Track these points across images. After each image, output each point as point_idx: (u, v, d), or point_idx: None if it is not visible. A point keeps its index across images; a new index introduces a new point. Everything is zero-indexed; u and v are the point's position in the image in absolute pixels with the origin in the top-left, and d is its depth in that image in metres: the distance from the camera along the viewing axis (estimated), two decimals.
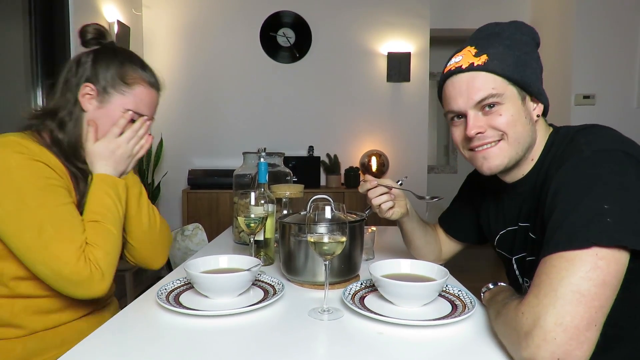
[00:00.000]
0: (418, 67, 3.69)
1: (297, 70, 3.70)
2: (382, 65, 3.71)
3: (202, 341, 0.74)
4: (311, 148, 3.65)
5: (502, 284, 0.86)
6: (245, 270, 0.90)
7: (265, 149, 1.50)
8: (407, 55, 3.66)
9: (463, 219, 1.14)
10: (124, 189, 0.97)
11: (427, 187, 3.80)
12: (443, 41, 4.19)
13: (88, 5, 2.70)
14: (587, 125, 0.82)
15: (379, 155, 3.69)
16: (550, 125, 0.91)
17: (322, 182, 3.68)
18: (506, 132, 0.83)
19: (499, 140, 0.84)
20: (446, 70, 0.87)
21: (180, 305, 0.86)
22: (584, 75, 3.36)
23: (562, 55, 3.52)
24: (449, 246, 1.21)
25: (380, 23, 3.69)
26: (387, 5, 3.67)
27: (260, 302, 0.87)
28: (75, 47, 2.51)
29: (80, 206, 0.93)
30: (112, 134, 0.96)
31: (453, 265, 1.20)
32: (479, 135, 0.84)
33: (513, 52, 0.82)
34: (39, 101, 2.43)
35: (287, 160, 3.35)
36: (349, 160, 3.72)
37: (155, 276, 1.07)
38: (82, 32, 1.01)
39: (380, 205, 1.04)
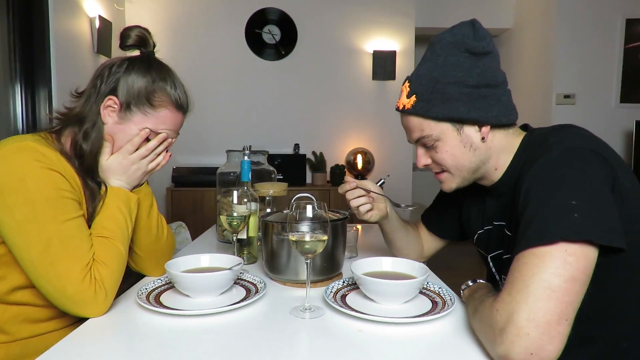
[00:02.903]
0: (403, 66, 3.71)
1: (282, 68, 3.69)
2: (368, 64, 3.72)
3: (184, 341, 0.74)
4: (297, 146, 3.65)
5: (481, 281, 0.87)
6: (227, 269, 0.90)
7: (250, 146, 1.49)
8: (393, 54, 3.68)
9: (445, 217, 1.16)
10: (136, 204, 0.96)
11: (412, 185, 3.83)
12: (428, 40, 4.21)
13: (68, 0, 2.65)
14: (558, 126, 0.84)
15: (365, 153, 3.71)
16: (525, 126, 0.93)
17: (308, 180, 3.68)
18: (445, 165, 0.90)
19: (443, 171, 0.92)
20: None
21: (161, 305, 0.85)
22: (564, 75, 3.43)
23: (543, 55, 3.58)
24: (431, 243, 1.22)
25: (365, 21, 3.70)
26: (372, 3, 3.68)
27: (241, 300, 0.87)
28: (56, 45, 2.46)
29: (91, 218, 0.91)
30: (125, 150, 0.93)
31: (438, 263, 1.22)
32: (426, 167, 0.93)
33: (438, 85, 0.83)
34: (18, 100, 2.38)
35: (273, 158, 3.34)
36: (335, 158, 3.73)
37: (135, 275, 1.05)
38: (123, 36, 0.97)
39: (358, 207, 1.05)
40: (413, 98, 0.86)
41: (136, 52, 0.99)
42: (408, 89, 0.88)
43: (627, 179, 0.73)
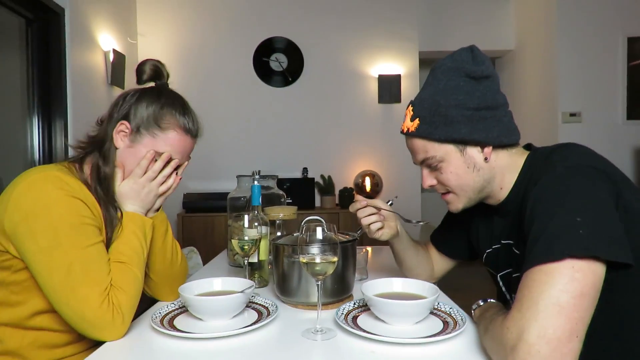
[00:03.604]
0: (408, 88, 3.77)
1: (290, 94, 3.77)
2: (373, 87, 3.79)
3: None
4: (305, 170, 3.68)
5: (492, 300, 0.88)
6: (239, 292, 0.91)
7: (259, 171, 1.52)
8: (398, 77, 3.75)
9: (454, 236, 1.16)
10: (150, 229, 0.98)
11: (420, 206, 3.83)
12: (432, 62, 4.28)
13: (84, 34, 2.76)
14: (561, 144, 0.86)
15: (373, 176, 3.73)
16: (529, 146, 0.95)
17: (317, 203, 3.70)
18: (450, 186, 0.92)
19: (449, 192, 0.94)
20: None
21: (175, 328, 0.86)
22: (569, 94, 3.45)
23: (547, 75, 3.62)
24: (442, 264, 1.22)
25: (370, 47, 3.78)
26: (376, 29, 3.77)
27: (254, 323, 0.88)
28: (72, 78, 2.55)
29: (109, 244, 0.94)
30: (135, 174, 0.96)
31: (447, 284, 1.22)
32: (431, 187, 0.95)
33: (440, 108, 0.86)
34: (35, 132, 2.46)
35: (282, 182, 3.37)
36: (343, 181, 3.76)
37: (149, 300, 1.07)
38: (139, 72, 1.02)
39: (369, 225, 1.07)
40: (417, 121, 0.89)
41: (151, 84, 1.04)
42: (412, 112, 0.91)
43: (631, 196, 0.74)
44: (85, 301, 0.81)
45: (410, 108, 0.92)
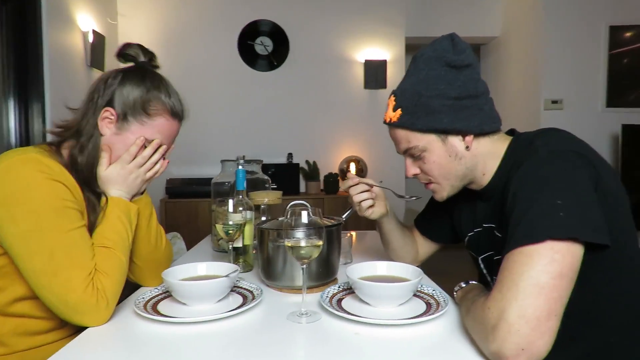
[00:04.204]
0: (394, 74, 3.76)
1: (275, 78, 3.72)
2: (359, 73, 3.77)
3: (181, 349, 0.74)
4: (290, 155, 3.67)
5: (473, 282, 0.89)
6: (223, 276, 0.91)
7: (244, 156, 1.51)
8: (384, 63, 3.73)
9: (437, 220, 1.18)
10: (135, 214, 0.97)
11: (405, 191, 3.86)
12: (418, 48, 4.28)
13: (62, 14, 2.67)
14: (544, 129, 0.87)
15: (358, 161, 3.74)
16: (512, 131, 0.96)
17: (302, 188, 3.70)
18: (433, 175, 0.94)
19: (432, 182, 0.96)
20: None
21: (158, 313, 0.86)
22: (552, 81, 3.50)
23: (531, 62, 3.65)
24: (425, 247, 1.24)
25: (356, 31, 3.75)
26: (363, 14, 3.74)
27: (238, 307, 0.88)
28: (50, 59, 2.47)
29: (92, 229, 0.92)
30: (123, 160, 0.94)
31: (430, 268, 1.23)
32: (415, 176, 0.97)
33: (421, 98, 0.87)
34: (11, 115, 2.38)
35: (266, 168, 3.35)
36: (328, 166, 3.76)
37: (132, 286, 1.06)
38: (122, 48, 1.00)
39: (360, 202, 1.07)
40: (399, 111, 0.90)
41: (130, 64, 1.01)
42: (394, 102, 0.92)
43: (610, 179, 0.76)
44: (69, 285, 0.80)
45: (393, 98, 0.93)
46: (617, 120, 3.24)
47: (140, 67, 1.00)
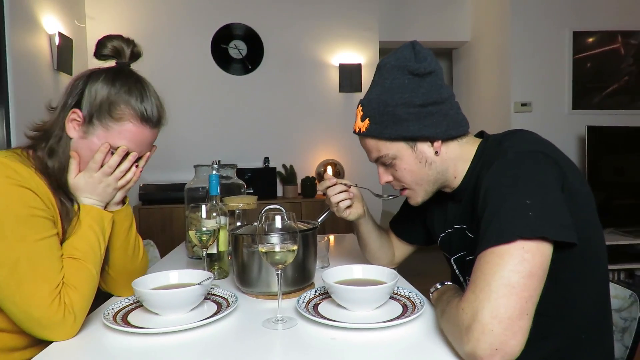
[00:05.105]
0: (369, 78, 3.75)
1: (250, 82, 3.69)
2: (334, 76, 3.78)
3: None
4: (267, 159, 3.64)
5: (449, 283, 0.90)
6: (196, 284, 0.89)
7: (219, 161, 1.48)
8: (358, 67, 3.76)
9: (411, 223, 1.19)
10: (109, 223, 0.92)
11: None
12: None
13: (26, 16, 2.57)
14: (512, 131, 0.89)
15: (335, 164, 3.74)
16: (481, 134, 0.97)
17: (279, 192, 3.67)
18: (405, 182, 0.95)
19: (405, 188, 0.97)
20: None
21: (129, 324, 0.83)
22: (521, 85, 3.60)
23: (501, 67, 3.75)
24: (401, 249, 1.25)
25: (330, 35, 3.77)
26: (336, 18, 3.76)
27: (212, 315, 0.86)
28: (13, 63, 2.37)
29: (65, 237, 0.87)
30: (90, 169, 0.89)
31: (407, 269, 1.25)
32: (388, 183, 0.98)
33: (387, 107, 0.88)
34: None
35: (243, 172, 3.32)
36: (305, 170, 3.75)
37: (103, 297, 1.02)
38: (99, 44, 0.93)
39: (338, 203, 1.07)
40: (367, 121, 0.91)
41: (112, 63, 0.95)
42: (361, 112, 0.93)
43: (575, 179, 0.78)
44: (33, 299, 0.76)
45: (360, 108, 0.94)
46: (582, 122, 3.35)
47: (118, 67, 0.94)
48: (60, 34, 2.88)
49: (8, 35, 2.35)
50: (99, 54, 0.95)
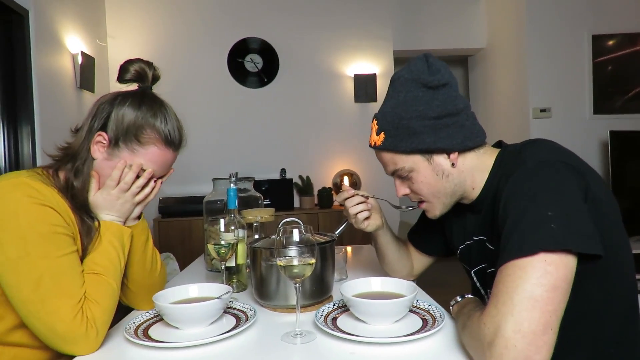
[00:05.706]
0: (384, 87, 3.79)
1: (266, 95, 3.74)
2: (349, 87, 3.80)
3: None
4: (283, 171, 3.66)
5: (469, 295, 0.88)
6: (215, 298, 0.89)
7: (237, 174, 1.50)
8: (373, 77, 3.77)
9: (430, 234, 1.18)
10: (129, 238, 0.95)
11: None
12: (406, 61, 4.34)
13: (50, 37, 2.67)
14: (530, 140, 0.88)
15: (351, 175, 3.74)
16: (499, 143, 0.96)
17: (296, 204, 3.68)
18: (423, 194, 0.95)
19: (423, 201, 0.96)
20: None
21: (150, 338, 0.84)
22: (539, 90, 3.54)
23: (518, 72, 3.70)
24: (420, 261, 1.23)
25: (345, 46, 3.79)
26: (350, 29, 3.78)
27: (232, 329, 0.86)
28: (38, 82, 2.46)
29: (86, 253, 0.90)
30: (107, 186, 0.92)
31: (426, 280, 1.23)
32: (405, 196, 0.98)
33: (402, 121, 0.88)
34: (0, 136, 2.36)
35: (260, 184, 3.34)
36: (322, 180, 3.75)
37: (123, 310, 1.04)
38: (122, 69, 0.97)
39: (356, 214, 1.07)
40: (382, 135, 0.91)
41: (134, 86, 0.99)
42: (376, 126, 0.93)
43: (599, 188, 0.76)
44: (57, 314, 0.78)
45: (375, 122, 0.94)
46: (604, 127, 3.27)
47: (141, 91, 0.98)
48: (82, 53, 2.97)
49: (34, 56, 2.44)
50: (122, 78, 0.98)
